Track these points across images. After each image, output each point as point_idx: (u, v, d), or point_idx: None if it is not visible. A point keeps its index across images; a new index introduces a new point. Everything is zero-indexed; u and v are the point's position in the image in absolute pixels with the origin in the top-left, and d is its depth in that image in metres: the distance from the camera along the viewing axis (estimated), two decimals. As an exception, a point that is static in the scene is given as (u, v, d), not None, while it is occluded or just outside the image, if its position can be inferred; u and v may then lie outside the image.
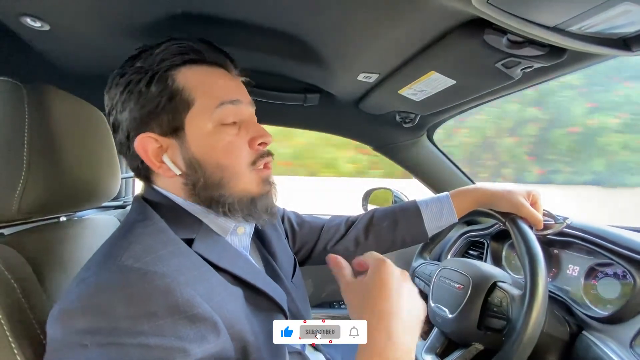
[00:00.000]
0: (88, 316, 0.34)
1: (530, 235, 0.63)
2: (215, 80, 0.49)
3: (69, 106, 0.55)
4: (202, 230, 0.48)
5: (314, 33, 0.65)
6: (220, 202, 0.48)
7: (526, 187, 0.72)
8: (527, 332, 0.54)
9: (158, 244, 0.41)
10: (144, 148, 0.47)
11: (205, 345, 0.37)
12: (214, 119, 0.47)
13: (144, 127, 0.47)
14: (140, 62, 0.47)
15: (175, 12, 0.59)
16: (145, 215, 0.46)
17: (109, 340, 0.33)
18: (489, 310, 0.68)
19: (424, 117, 0.99)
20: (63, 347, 0.34)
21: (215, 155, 0.48)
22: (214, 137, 0.48)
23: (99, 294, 0.35)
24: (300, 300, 0.64)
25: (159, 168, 0.48)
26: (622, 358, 0.59)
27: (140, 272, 0.37)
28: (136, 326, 0.34)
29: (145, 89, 0.46)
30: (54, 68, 0.80)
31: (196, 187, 0.48)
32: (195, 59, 0.48)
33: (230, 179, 0.48)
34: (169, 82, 0.46)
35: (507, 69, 0.60)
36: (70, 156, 0.53)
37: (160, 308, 0.35)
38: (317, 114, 1.05)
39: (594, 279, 0.74)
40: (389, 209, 0.81)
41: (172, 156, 0.47)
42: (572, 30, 0.45)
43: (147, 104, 0.46)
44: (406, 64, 0.69)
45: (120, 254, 0.38)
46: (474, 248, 1.09)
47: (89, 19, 0.61)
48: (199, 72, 0.48)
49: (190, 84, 0.47)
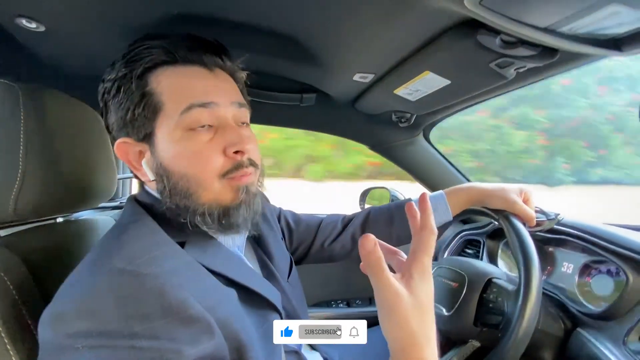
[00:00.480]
0: (80, 319, 0.34)
1: (523, 231, 0.63)
2: (187, 81, 0.46)
3: (65, 107, 0.55)
4: (193, 232, 0.47)
5: (310, 34, 0.65)
6: (189, 211, 0.46)
7: (518, 185, 0.73)
8: (523, 325, 0.55)
9: (151, 246, 0.41)
10: (125, 152, 0.47)
11: (199, 346, 0.36)
12: (181, 124, 0.45)
13: (122, 133, 0.47)
14: (118, 66, 0.46)
15: (171, 13, 0.59)
16: (137, 217, 0.46)
17: (101, 342, 0.33)
18: (485, 306, 0.69)
19: (419, 116, 1.00)
20: (55, 350, 0.34)
21: (182, 164, 0.45)
22: (181, 144, 0.45)
23: (90, 296, 0.35)
24: (296, 300, 0.65)
25: (138, 171, 0.48)
26: (615, 354, 0.60)
27: (132, 274, 0.36)
28: (128, 328, 0.34)
29: (121, 95, 0.45)
30: (49, 69, 0.80)
31: (163, 195, 0.46)
32: (166, 60, 0.46)
33: (197, 189, 0.45)
34: (140, 86, 0.45)
35: (501, 69, 0.61)
36: (67, 157, 0.53)
37: (153, 310, 0.35)
38: (314, 114, 1.06)
39: (587, 276, 0.75)
40: (385, 207, 0.82)
41: (147, 162, 0.47)
42: (563, 31, 0.46)
43: (119, 110, 0.46)
44: (401, 64, 0.70)
45: (112, 255, 0.38)
46: (470, 247, 1.10)
47: (85, 20, 0.61)
48: (172, 74, 0.46)
49: (161, 88, 0.45)
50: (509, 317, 0.58)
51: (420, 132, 1.13)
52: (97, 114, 0.63)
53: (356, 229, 0.79)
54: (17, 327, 0.41)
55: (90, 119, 0.62)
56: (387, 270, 0.35)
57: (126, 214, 0.48)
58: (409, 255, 0.38)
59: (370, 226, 0.79)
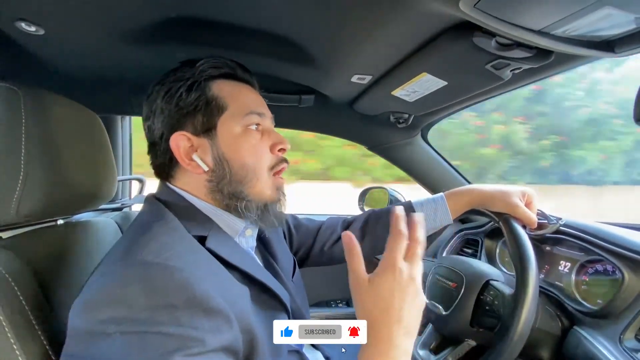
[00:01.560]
0: (111, 306, 0.37)
1: (523, 236, 0.64)
2: (246, 93, 0.57)
3: (66, 110, 0.56)
4: (214, 228, 0.51)
5: (307, 36, 0.66)
6: (240, 197, 0.53)
7: (521, 188, 0.73)
8: (518, 331, 0.56)
9: (174, 241, 0.44)
10: (177, 145, 0.51)
11: (219, 337, 0.39)
12: (242, 124, 0.54)
13: (179, 127, 0.52)
14: (181, 73, 0.53)
15: (170, 16, 0.60)
16: (160, 215, 0.49)
17: (131, 329, 0.36)
18: (482, 308, 0.69)
19: (417, 117, 1.01)
20: (87, 336, 0.36)
21: (241, 155, 0.53)
22: (241, 139, 0.53)
23: (121, 286, 0.38)
24: (300, 299, 0.66)
25: (188, 165, 0.52)
26: (611, 352, 0.60)
27: (160, 267, 0.39)
28: (156, 317, 0.36)
29: (186, 94, 0.52)
30: (49, 72, 0.80)
31: (221, 182, 0.52)
32: (229, 73, 0.56)
33: (252, 178, 0.53)
34: (206, 89, 0.53)
35: (497, 70, 0.61)
36: (68, 159, 0.54)
37: (179, 301, 0.38)
38: (312, 115, 1.06)
39: (584, 275, 0.75)
40: (385, 210, 0.82)
41: (201, 154, 0.52)
42: (557, 33, 0.46)
43: (185, 107, 0.52)
44: (398, 65, 0.70)
45: (140, 250, 0.41)
46: (469, 246, 1.10)
47: (84, 23, 0.62)
48: (231, 85, 0.56)
49: (224, 93, 0.54)
50: (505, 321, 0.59)
51: (418, 132, 1.13)
52: (97, 116, 0.64)
53: (356, 233, 0.80)
54: (22, 326, 0.42)
55: (91, 122, 0.62)
56: (357, 259, 0.44)
57: (148, 212, 0.52)
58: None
59: (369, 229, 0.80)
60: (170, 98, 0.52)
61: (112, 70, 0.81)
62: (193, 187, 0.54)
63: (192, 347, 0.36)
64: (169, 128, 0.52)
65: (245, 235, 0.57)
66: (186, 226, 0.48)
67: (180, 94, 0.52)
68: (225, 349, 0.39)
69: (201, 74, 0.53)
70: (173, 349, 0.35)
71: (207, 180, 0.53)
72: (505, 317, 0.60)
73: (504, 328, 0.58)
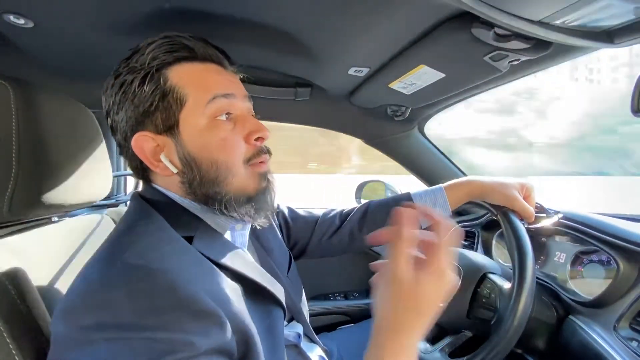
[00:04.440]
0: (93, 312, 0.34)
1: (521, 230, 0.64)
2: (208, 75, 0.49)
3: (57, 104, 0.55)
4: (201, 227, 0.48)
5: (303, 27, 0.65)
6: (216, 199, 0.48)
7: (520, 180, 0.73)
8: (514, 324, 0.56)
9: (161, 242, 0.42)
10: (141, 147, 0.47)
11: (210, 339, 0.37)
12: (207, 114, 0.47)
13: (139, 127, 0.47)
14: (133, 62, 0.47)
15: (163, 7, 0.58)
16: (145, 214, 0.46)
17: (115, 335, 0.34)
18: (478, 301, 0.70)
19: (414, 110, 1.00)
20: (71, 343, 0.34)
21: (210, 152, 0.47)
22: (208, 133, 0.47)
23: (103, 290, 0.36)
24: (295, 294, 0.65)
25: (156, 167, 0.48)
26: (606, 340, 0.61)
27: (144, 269, 0.37)
28: (142, 321, 0.34)
29: (139, 89, 0.46)
30: (41, 66, 0.78)
31: (192, 185, 0.48)
32: (187, 56, 0.48)
33: (226, 176, 0.48)
34: (161, 80, 0.46)
35: (495, 62, 0.61)
36: (60, 155, 0.53)
37: (165, 304, 0.36)
38: (309, 109, 1.05)
39: (580, 266, 0.76)
40: (383, 201, 0.82)
41: (168, 154, 0.48)
42: (556, 24, 0.46)
43: (140, 104, 0.46)
44: (396, 57, 0.70)
45: (124, 251, 0.39)
46: (466, 238, 1.11)
47: (74, 16, 0.60)
48: (191, 69, 0.48)
49: (183, 81, 0.47)
50: (501, 315, 0.59)
51: (415, 125, 1.13)
52: (89, 111, 0.62)
53: (354, 225, 0.80)
54: (17, 324, 0.42)
55: (83, 116, 0.61)
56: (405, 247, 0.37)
57: (133, 211, 0.48)
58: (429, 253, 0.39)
59: (368, 221, 0.79)
60: (125, 94, 0.47)
61: (104, 63, 0.79)
62: (172, 187, 0.50)
63: (181, 350, 0.34)
64: (130, 128, 0.47)
65: (236, 230, 0.54)
66: (173, 225, 0.45)
67: (134, 89, 0.46)
68: (216, 351, 0.38)
69: (153, 62, 0.46)
70: (161, 353, 0.34)
71: (180, 182, 0.48)
72: (502, 310, 0.60)
73: (500, 321, 0.58)
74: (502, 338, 0.57)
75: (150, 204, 0.48)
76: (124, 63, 0.48)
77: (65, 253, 0.56)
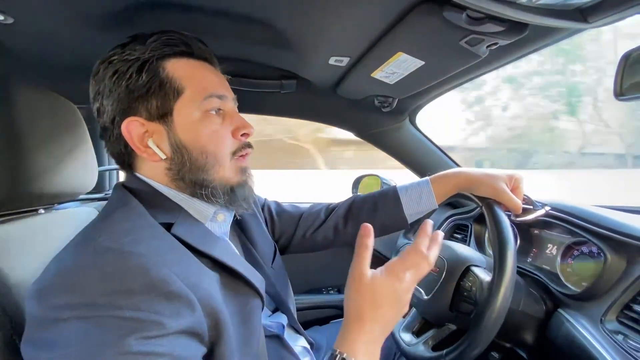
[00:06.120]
0: (67, 292, 0.36)
1: (504, 223, 0.62)
2: (205, 73, 0.53)
3: (38, 98, 0.55)
4: (182, 215, 0.49)
5: (280, 17, 0.64)
6: (203, 185, 0.51)
7: (508, 172, 0.71)
8: (492, 318, 0.55)
9: (136, 227, 0.43)
10: (129, 132, 0.48)
11: (180, 320, 0.38)
12: (201, 108, 0.50)
13: (131, 112, 0.49)
14: (130, 50, 0.49)
15: (143, 1, 0.58)
16: (125, 201, 0.47)
17: (87, 313, 0.35)
18: (460, 294, 0.69)
19: (402, 101, 0.98)
20: (44, 322, 0.35)
21: (201, 141, 0.50)
22: (200, 125, 0.50)
23: (76, 271, 0.37)
24: (280, 285, 0.65)
25: (143, 152, 0.49)
26: (592, 333, 0.60)
27: (117, 252, 0.38)
28: (113, 302, 0.35)
29: (136, 75, 0.48)
30: (20, 61, 0.79)
31: (181, 170, 0.50)
32: (185, 51, 0.51)
33: (213, 165, 0.51)
34: (159, 70, 0.49)
35: (472, 47, 0.59)
36: (40, 148, 0.53)
37: (136, 286, 0.37)
38: (295, 101, 1.04)
39: (570, 258, 0.74)
40: (369, 195, 0.81)
41: (157, 141, 0.49)
42: (525, 3, 0.44)
43: (136, 90, 0.48)
44: (374, 46, 0.68)
45: (99, 235, 0.40)
46: (459, 231, 1.09)
47: (54, 11, 0.60)
48: (188, 64, 0.51)
49: (181, 74, 0.50)
50: (480, 309, 0.58)
51: (405, 117, 1.11)
52: (72, 105, 0.63)
53: (339, 219, 0.79)
54: None
55: (65, 111, 0.61)
56: (367, 253, 0.48)
57: (114, 199, 0.50)
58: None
59: (353, 216, 0.78)
60: (119, 79, 0.48)
61: (86, 58, 0.80)
62: (155, 174, 0.51)
63: (150, 329, 0.35)
64: (120, 113, 0.49)
65: (217, 221, 0.55)
66: (152, 213, 0.46)
67: (130, 75, 0.48)
68: (186, 332, 0.39)
69: (153, 53, 0.49)
70: (130, 331, 0.34)
71: (166, 168, 0.50)
72: (481, 304, 0.59)
73: (478, 314, 0.57)
74: (479, 332, 0.56)
75: (133, 193, 0.49)
76: (118, 50, 0.50)
77: (49, 244, 0.57)
